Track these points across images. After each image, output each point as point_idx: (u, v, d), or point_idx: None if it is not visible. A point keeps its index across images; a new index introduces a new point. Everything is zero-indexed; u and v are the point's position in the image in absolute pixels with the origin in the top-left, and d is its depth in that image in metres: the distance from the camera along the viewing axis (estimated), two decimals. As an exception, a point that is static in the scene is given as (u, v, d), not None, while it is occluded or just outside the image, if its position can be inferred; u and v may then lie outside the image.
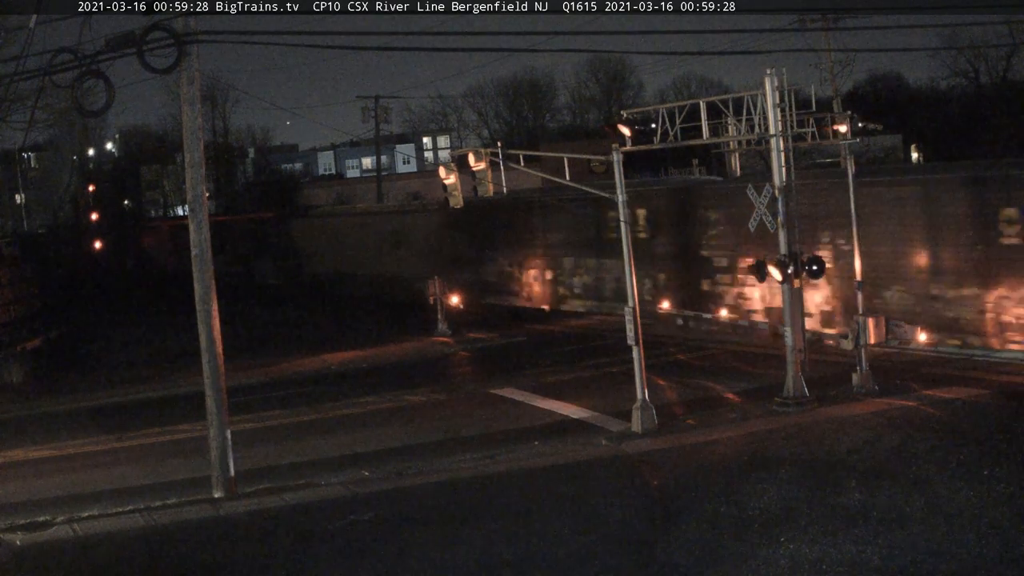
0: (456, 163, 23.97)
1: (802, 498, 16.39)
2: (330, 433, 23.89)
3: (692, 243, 33.28)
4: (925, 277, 26.23)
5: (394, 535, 16.22)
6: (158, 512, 18.04)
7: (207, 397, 19.02)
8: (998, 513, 15.10)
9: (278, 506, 18.11)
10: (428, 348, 34.89)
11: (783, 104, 22.69)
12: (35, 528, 17.47)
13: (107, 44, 18.22)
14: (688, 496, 17.22)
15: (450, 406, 25.96)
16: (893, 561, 13.69)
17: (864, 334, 23.28)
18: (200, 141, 19.05)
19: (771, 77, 22.39)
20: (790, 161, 22.72)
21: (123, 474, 21.35)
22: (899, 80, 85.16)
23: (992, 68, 67.53)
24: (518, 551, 15.14)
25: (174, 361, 33.88)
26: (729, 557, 14.29)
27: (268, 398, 27.88)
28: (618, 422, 22.21)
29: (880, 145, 58.09)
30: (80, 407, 28.82)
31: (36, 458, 23.30)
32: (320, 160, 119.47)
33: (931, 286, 26.09)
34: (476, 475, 19.31)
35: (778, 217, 22.45)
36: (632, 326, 21.40)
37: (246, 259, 61.35)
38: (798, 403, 22.21)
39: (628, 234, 21.89)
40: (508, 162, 23.45)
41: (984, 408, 21.29)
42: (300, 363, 33.39)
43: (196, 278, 18.94)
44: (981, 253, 24.90)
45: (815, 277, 23.03)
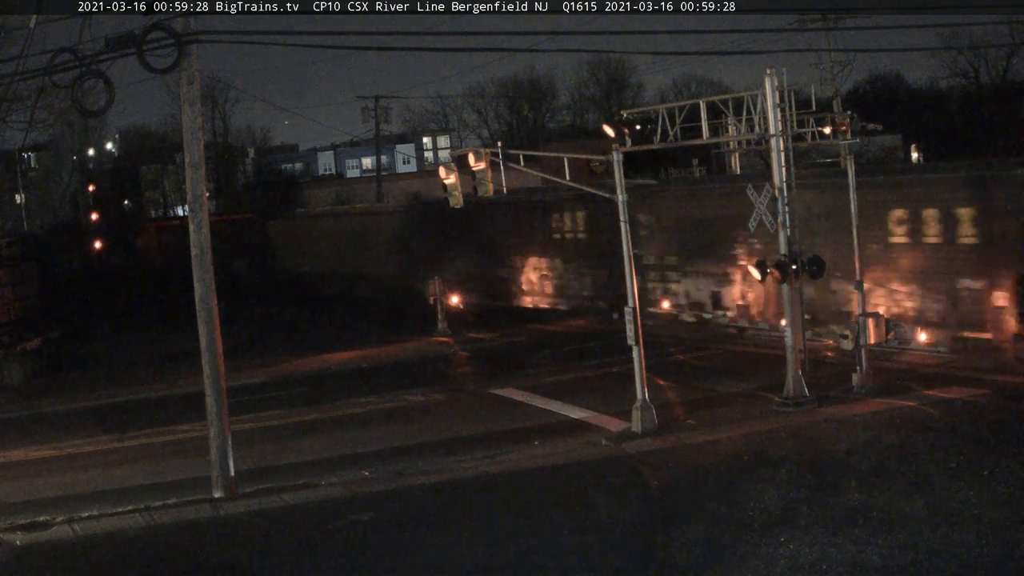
0: (456, 163, 23.96)
1: (802, 498, 16.39)
2: (330, 433, 23.89)
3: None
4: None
5: (394, 535, 16.22)
6: (158, 512, 18.03)
7: (207, 397, 19.01)
8: (998, 513, 15.10)
9: (278, 506, 18.11)
10: (428, 348, 34.90)
11: (783, 104, 22.69)
12: (35, 528, 17.45)
13: (107, 44, 18.20)
14: (688, 496, 17.22)
15: (450, 406, 25.96)
16: (893, 561, 13.69)
17: (864, 334, 23.27)
18: (200, 141, 19.05)
19: (771, 77, 22.39)
20: (790, 161, 22.72)
21: (123, 474, 21.36)
22: (899, 80, 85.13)
23: (992, 68, 67.42)
24: (518, 551, 15.14)
25: (174, 361, 33.86)
26: (729, 557, 14.29)
27: (268, 398, 27.87)
28: (618, 422, 22.21)
29: (880, 145, 58.05)
30: (80, 407, 28.82)
31: (36, 458, 23.30)
32: (320, 160, 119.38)
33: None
34: (476, 475, 19.31)
35: (778, 217, 22.45)
36: (632, 326, 21.39)
37: (224, 258, 61.98)
38: (798, 403, 22.21)
39: (628, 234, 21.86)
40: (508, 162, 23.45)
41: (984, 408, 21.30)
42: (300, 363, 33.39)
43: (196, 278, 18.93)
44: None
45: (815, 277, 23.04)
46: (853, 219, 24.48)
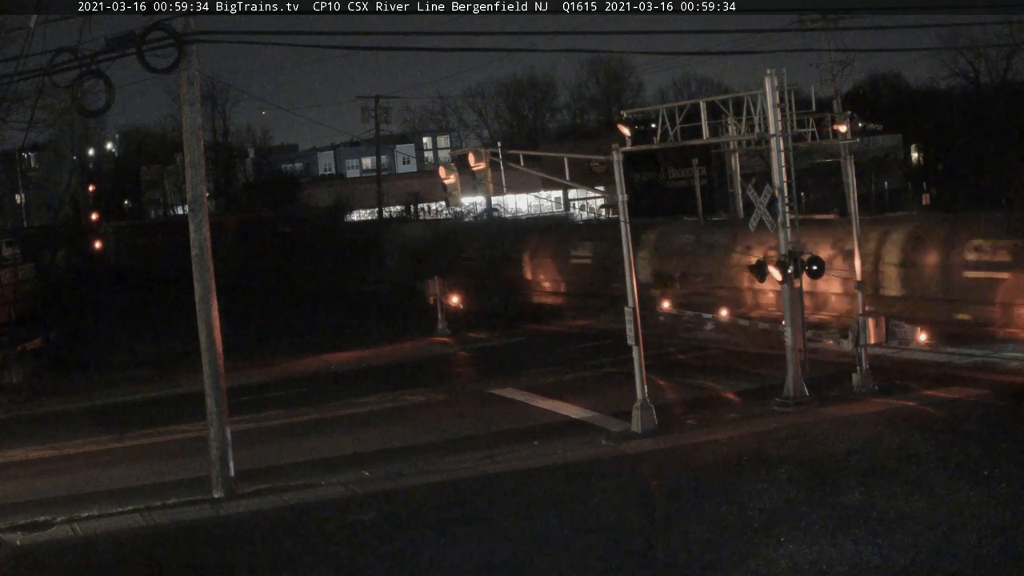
0: (456, 163, 23.97)
1: (802, 498, 16.39)
2: (330, 433, 23.88)
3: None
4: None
5: (394, 535, 16.21)
6: (158, 512, 18.03)
7: (207, 397, 19.00)
8: (998, 513, 15.10)
9: (278, 506, 18.11)
10: (428, 348, 34.89)
11: (783, 104, 22.69)
12: (35, 528, 17.44)
13: (107, 44, 18.17)
14: (688, 496, 17.22)
15: (450, 406, 25.95)
16: (893, 561, 13.69)
17: (864, 334, 23.26)
18: (200, 141, 19.04)
19: (771, 77, 22.39)
20: (790, 161, 22.73)
21: (123, 474, 21.34)
22: (899, 80, 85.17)
23: (992, 68, 67.45)
24: (518, 551, 15.14)
25: (175, 361, 33.83)
26: (729, 557, 14.28)
27: (268, 398, 27.86)
28: (618, 422, 22.20)
29: (880, 145, 58.06)
30: (80, 407, 28.80)
31: (36, 458, 23.28)
32: (320, 160, 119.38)
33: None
34: (476, 475, 19.30)
35: (778, 217, 22.45)
36: (632, 326, 21.39)
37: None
38: (798, 403, 22.21)
39: (628, 234, 21.87)
40: (508, 162, 23.47)
41: (984, 408, 21.30)
42: (300, 363, 33.38)
43: (196, 278, 18.92)
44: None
45: (815, 277, 23.04)
46: (853, 219, 24.48)
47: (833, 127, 24.39)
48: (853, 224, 24.54)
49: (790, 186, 22.47)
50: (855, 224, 24.49)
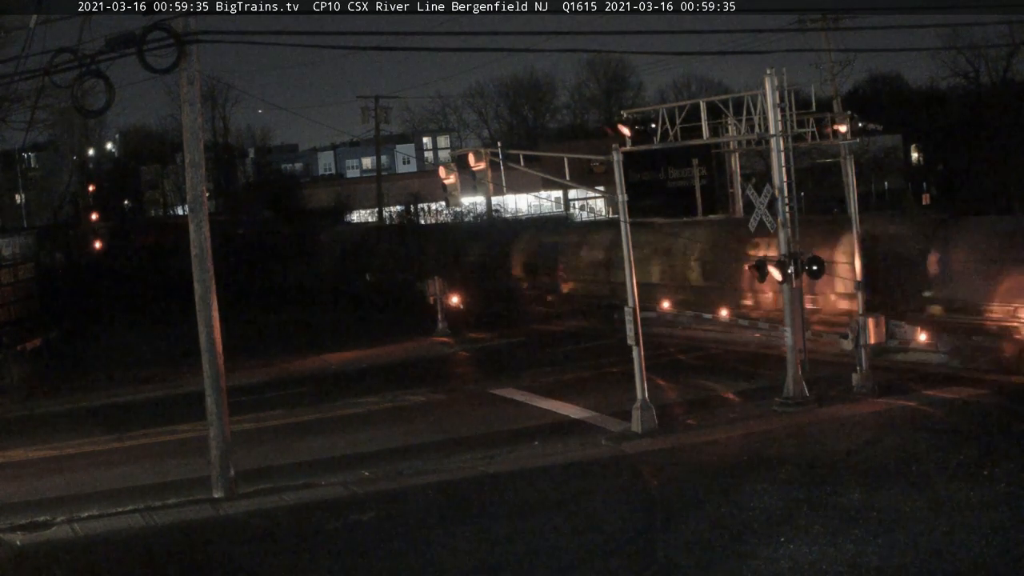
0: (456, 163, 23.98)
1: (802, 498, 16.38)
2: (330, 433, 23.86)
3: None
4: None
5: (394, 535, 16.22)
6: (158, 512, 18.03)
7: (207, 397, 19.00)
8: (998, 513, 15.10)
9: (278, 506, 18.10)
10: (428, 348, 34.87)
11: (783, 104, 22.70)
12: (35, 528, 17.45)
13: (107, 44, 18.17)
14: (688, 496, 17.22)
15: (450, 406, 25.94)
16: (893, 561, 13.69)
17: (864, 334, 23.26)
18: (200, 141, 19.04)
19: (771, 77, 22.40)
20: (790, 161, 22.73)
21: (123, 474, 21.32)
22: (899, 80, 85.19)
23: (992, 68, 67.40)
24: (518, 551, 15.14)
25: (174, 361, 33.82)
26: (729, 557, 14.28)
27: (268, 398, 27.85)
28: (618, 422, 22.19)
29: (880, 145, 58.09)
30: (80, 407, 28.78)
31: (36, 458, 23.27)
32: (320, 160, 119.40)
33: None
34: (476, 475, 19.30)
35: (778, 217, 22.44)
36: (632, 326, 21.39)
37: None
38: (798, 403, 22.20)
39: (628, 235, 21.86)
40: (508, 162, 23.48)
41: (984, 408, 21.29)
42: (300, 363, 33.37)
43: (196, 278, 18.93)
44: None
45: (815, 277, 23.03)
46: (853, 219, 24.48)
47: (833, 127, 24.41)
48: (853, 224, 24.54)
49: (790, 186, 22.48)
50: (855, 224, 24.49)
